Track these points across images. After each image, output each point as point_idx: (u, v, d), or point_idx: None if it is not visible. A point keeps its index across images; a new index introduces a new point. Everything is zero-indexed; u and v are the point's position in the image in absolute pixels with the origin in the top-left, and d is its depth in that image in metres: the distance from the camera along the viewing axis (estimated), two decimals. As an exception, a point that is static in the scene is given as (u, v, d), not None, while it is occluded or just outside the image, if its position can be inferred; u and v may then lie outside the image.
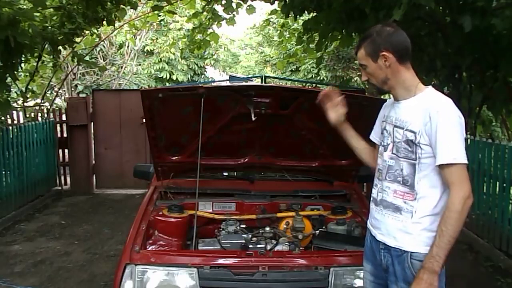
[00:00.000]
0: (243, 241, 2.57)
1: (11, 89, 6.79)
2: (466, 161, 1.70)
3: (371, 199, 1.99)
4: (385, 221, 1.87)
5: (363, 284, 2.08)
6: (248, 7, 7.11)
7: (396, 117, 1.86)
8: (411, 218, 1.79)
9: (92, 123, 7.32)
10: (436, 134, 1.69)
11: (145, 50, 14.50)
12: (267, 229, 2.71)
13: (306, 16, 6.04)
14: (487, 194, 4.73)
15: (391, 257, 1.85)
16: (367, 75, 1.90)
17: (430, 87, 1.86)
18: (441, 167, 1.71)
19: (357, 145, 2.15)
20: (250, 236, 2.63)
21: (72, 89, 10.52)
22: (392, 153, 1.86)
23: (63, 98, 10.05)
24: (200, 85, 3.78)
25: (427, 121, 1.72)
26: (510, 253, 4.39)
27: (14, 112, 6.71)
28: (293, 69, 14.08)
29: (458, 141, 1.69)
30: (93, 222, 5.66)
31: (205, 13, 7.48)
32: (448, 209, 1.69)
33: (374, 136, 2.07)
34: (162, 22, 14.11)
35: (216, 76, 18.26)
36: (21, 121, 6.71)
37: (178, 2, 7.98)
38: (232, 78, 11.34)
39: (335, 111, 2.10)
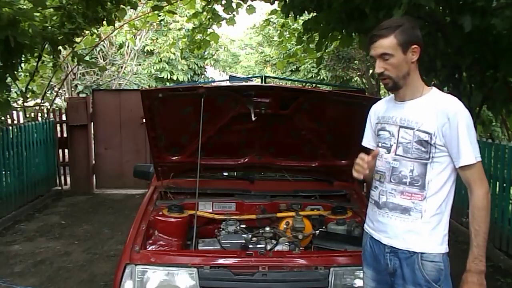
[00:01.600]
0: (243, 241, 2.57)
1: (11, 89, 6.78)
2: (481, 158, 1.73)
3: (372, 202, 1.94)
4: (391, 224, 1.83)
5: None
6: (248, 7, 7.10)
7: (401, 117, 1.82)
8: (421, 218, 1.77)
9: (92, 123, 7.32)
10: (457, 135, 1.69)
11: (145, 50, 14.50)
12: (267, 229, 2.71)
13: (306, 16, 6.04)
14: (487, 194, 4.72)
15: (398, 259, 1.81)
16: (387, 66, 1.75)
17: (434, 88, 1.84)
18: (463, 167, 1.71)
19: None
20: (250, 236, 2.63)
21: (72, 89, 10.52)
22: (396, 154, 1.82)
23: (63, 98, 10.06)
24: (200, 85, 3.78)
25: (444, 121, 1.71)
26: (510, 253, 4.39)
27: (14, 112, 6.71)
28: (293, 69, 14.08)
29: (475, 140, 1.72)
30: (93, 222, 5.66)
31: (205, 13, 7.47)
32: (477, 208, 1.70)
33: (368, 142, 2.02)
34: (162, 22, 14.10)
35: (216, 76, 18.27)
36: (21, 121, 6.71)
37: (178, 2, 7.98)
38: (232, 78, 11.33)
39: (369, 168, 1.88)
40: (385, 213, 1.86)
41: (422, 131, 1.75)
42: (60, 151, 7.31)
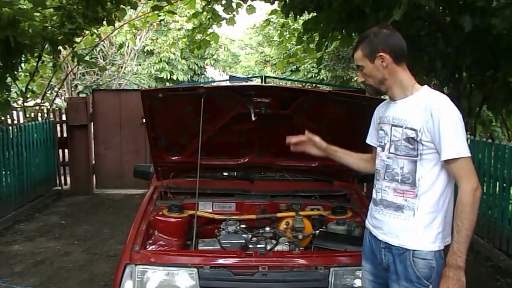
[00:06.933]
0: (243, 241, 2.57)
1: (11, 89, 6.79)
2: (469, 154, 1.73)
3: (372, 199, 2.00)
4: (386, 221, 1.88)
5: (362, 284, 2.08)
6: (248, 7, 7.11)
7: (393, 116, 1.88)
8: (413, 216, 1.80)
9: (92, 123, 7.32)
10: (439, 130, 1.71)
11: (145, 50, 14.49)
12: (267, 229, 2.71)
13: (306, 16, 6.04)
14: (487, 194, 4.72)
15: (392, 255, 1.85)
16: (364, 76, 1.92)
17: (426, 86, 1.88)
18: (447, 162, 1.73)
19: (351, 160, 2.22)
20: (250, 236, 2.63)
21: (72, 89, 10.51)
22: (390, 152, 1.88)
23: (63, 98, 10.05)
24: (200, 85, 3.78)
25: (428, 118, 1.74)
26: (510, 253, 4.39)
27: (14, 112, 6.71)
28: (293, 69, 14.08)
29: (460, 136, 1.72)
30: (93, 222, 5.66)
31: (205, 13, 7.48)
32: (460, 203, 1.71)
33: (370, 140, 2.09)
34: (162, 22, 14.10)
35: (216, 76, 18.26)
36: (21, 121, 6.71)
37: (178, 2, 7.98)
38: (232, 78, 11.32)
39: (312, 146, 2.23)
40: (381, 210, 1.91)
41: (409, 128, 1.80)
42: (60, 151, 7.31)
